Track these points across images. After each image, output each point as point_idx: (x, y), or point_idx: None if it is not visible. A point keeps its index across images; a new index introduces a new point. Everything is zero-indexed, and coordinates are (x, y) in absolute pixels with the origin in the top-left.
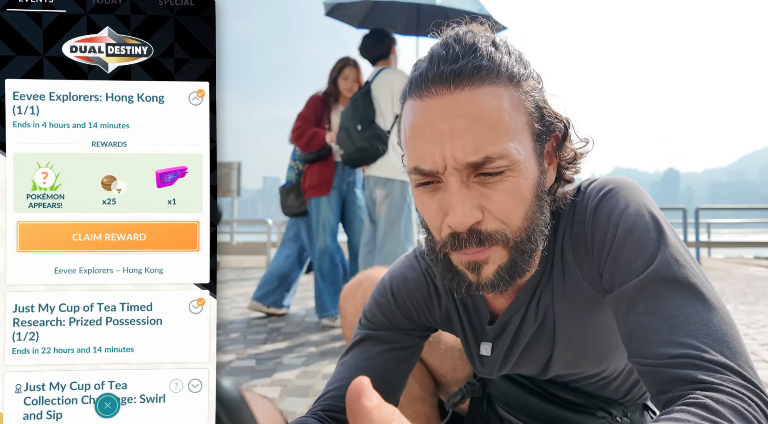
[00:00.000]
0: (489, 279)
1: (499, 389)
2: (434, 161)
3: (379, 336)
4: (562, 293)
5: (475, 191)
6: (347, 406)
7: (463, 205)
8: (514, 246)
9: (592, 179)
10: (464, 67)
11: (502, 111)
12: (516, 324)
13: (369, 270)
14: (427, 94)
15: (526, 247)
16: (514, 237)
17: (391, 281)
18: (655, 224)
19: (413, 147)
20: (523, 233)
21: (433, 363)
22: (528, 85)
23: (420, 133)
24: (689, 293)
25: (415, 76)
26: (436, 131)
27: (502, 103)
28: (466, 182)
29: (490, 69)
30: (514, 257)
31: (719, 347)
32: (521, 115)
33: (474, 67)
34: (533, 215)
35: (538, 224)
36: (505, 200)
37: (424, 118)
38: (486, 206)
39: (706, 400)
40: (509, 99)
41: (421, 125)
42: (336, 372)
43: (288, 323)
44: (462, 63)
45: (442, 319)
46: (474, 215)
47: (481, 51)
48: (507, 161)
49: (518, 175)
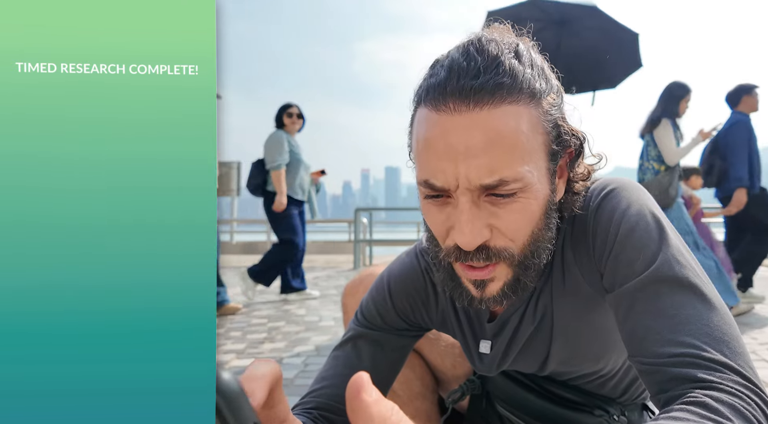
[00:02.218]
0: (492, 296)
1: (498, 387)
2: (446, 179)
3: (373, 336)
4: (561, 292)
5: (484, 211)
6: (347, 401)
7: (472, 226)
8: (518, 264)
9: (593, 180)
10: (485, 84)
11: (519, 133)
12: (515, 323)
13: (371, 267)
14: (444, 108)
15: (530, 262)
16: (519, 254)
17: (389, 278)
18: (657, 224)
19: (425, 160)
20: (528, 250)
21: (434, 360)
22: (548, 101)
23: (433, 148)
24: (690, 293)
25: (432, 83)
26: (450, 149)
27: (521, 124)
28: (476, 202)
29: (511, 87)
30: (518, 274)
31: (719, 347)
32: (538, 135)
33: (495, 84)
34: (539, 232)
35: (543, 241)
36: (514, 220)
37: (439, 133)
38: (495, 225)
39: (706, 399)
40: (528, 119)
41: (435, 140)
42: (328, 366)
43: (288, 322)
44: (483, 79)
45: (438, 318)
46: (483, 234)
47: (504, 66)
48: (520, 184)
49: (529, 196)
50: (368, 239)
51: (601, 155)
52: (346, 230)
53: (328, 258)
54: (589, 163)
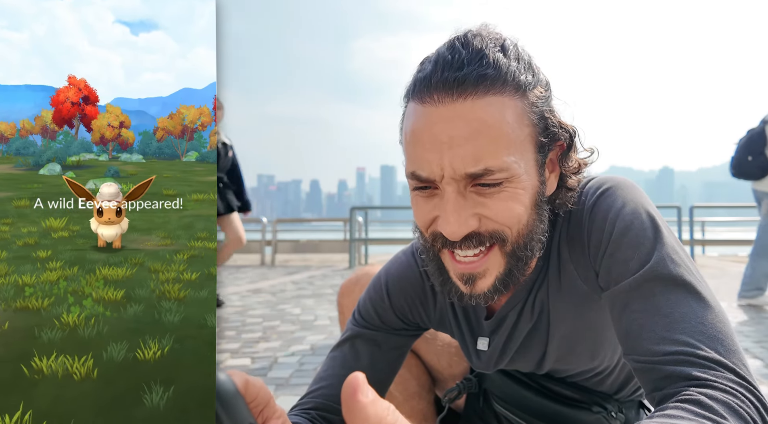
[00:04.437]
0: (483, 292)
1: (495, 385)
2: (432, 170)
3: (370, 336)
4: (557, 290)
5: (471, 201)
6: (342, 401)
7: (458, 215)
8: (511, 252)
9: (589, 178)
10: (468, 75)
11: (504, 123)
12: (513, 320)
13: (366, 267)
14: (429, 100)
15: (523, 254)
16: (512, 241)
17: (387, 277)
18: (652, 222)
19: (412, 152)
20: (521, 239)
21: (430, 360)
22: (534, 94)
23: (419, 140)
24: (684, 292)
25: (419, 77)
26: (435, 140)
27: (505, 114)
28: (462, 192)
29: (495, 78)
30: (510, 265)
31: (714, 345)
32: (524, 126)
33: (479, 76)
34: (532, 223)
35: (536, 232)
36: (503, 209)
37: (424, 124)
38: (483, 213)
39: (700, 396)
40: (513, 110)
41: (420, 132)
42: (326, 367)
43: (283, 321)
44: (467, 71)
45: (436, 317)
46: (468, 224)
47: (488, 58)
48: (506, 174)
49: (517, 186)
50: (364, 238)
51: (593, 149)
52: (342, 228)
53: (323, 257)
54: (582, 157)
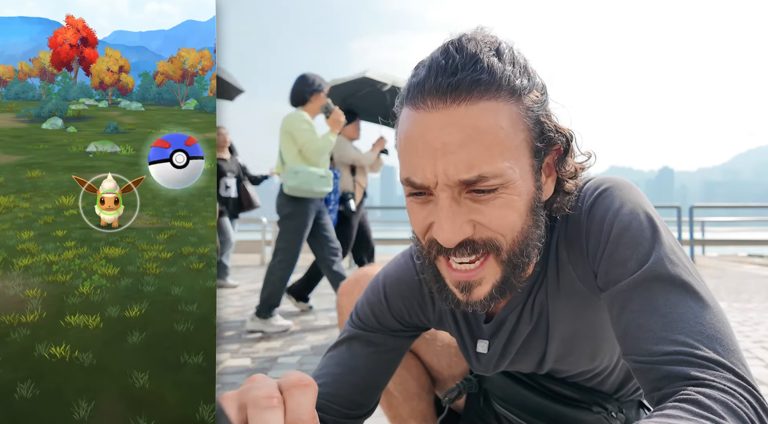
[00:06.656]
0: (479, 300)
1: (495, 385)
2: (425, 176)
3: (368, 337)
4: (556, 291)
5: (465, 207)
6: None
7: (452, 222)
8: (507, 260)
9: (587, 178)
10: (462, 80)
11: (498, 128)
12: (512, 323)
13: (366, 267)
14: (423, 105)
15: (519, 261)
16: (507, 249)
17: (385, 279)
18: (650, 223)
19: (406, 158)
20: (516, 247)
21: (430, 360)
22: (530, 98)
23: (413, 146)
24: (683, 292)
25: (412, 83)
26: (428, 146)
27: (500, 120)
28: (457, 199)
29: (489, 83)
30: (506, 273)
31: (712, 345)
32: (520, 132)
33: (473, 81)
34: (528, 230)
35: (532, 238)
36: (498, 216)
37: (418, 130)
38: (478, 220)
39: (698, 396)
40: (508, 115)
41: (414, 138)
42: (322, 365)
43: None
44: (460, 76)
45: (435, 318)
46: (463, 231)
47: (482, 63)
48: (501, 180)
49: (512, 192)
50: None
51: (590, 153)
52: None
53: None
54: (579, 161)
